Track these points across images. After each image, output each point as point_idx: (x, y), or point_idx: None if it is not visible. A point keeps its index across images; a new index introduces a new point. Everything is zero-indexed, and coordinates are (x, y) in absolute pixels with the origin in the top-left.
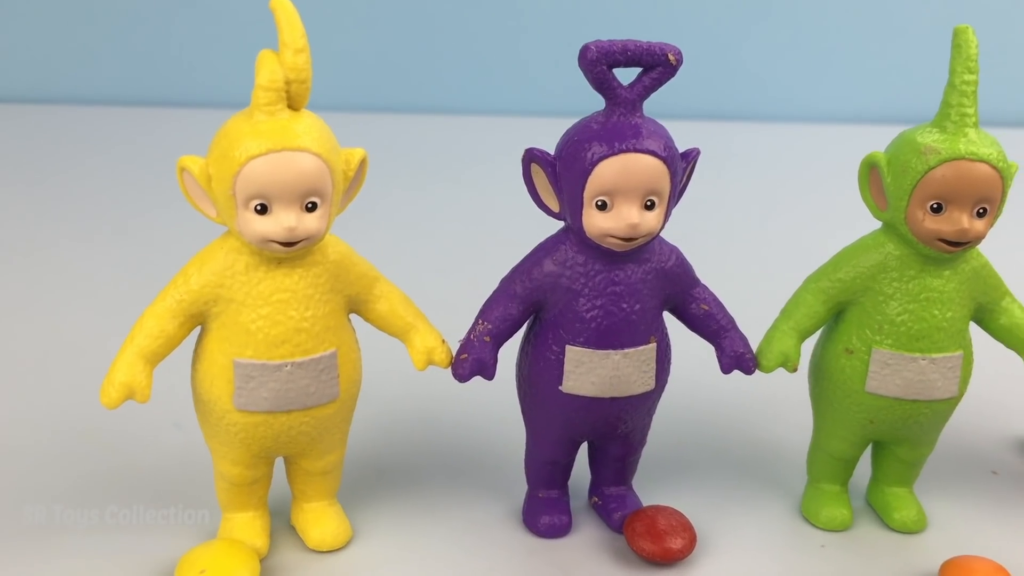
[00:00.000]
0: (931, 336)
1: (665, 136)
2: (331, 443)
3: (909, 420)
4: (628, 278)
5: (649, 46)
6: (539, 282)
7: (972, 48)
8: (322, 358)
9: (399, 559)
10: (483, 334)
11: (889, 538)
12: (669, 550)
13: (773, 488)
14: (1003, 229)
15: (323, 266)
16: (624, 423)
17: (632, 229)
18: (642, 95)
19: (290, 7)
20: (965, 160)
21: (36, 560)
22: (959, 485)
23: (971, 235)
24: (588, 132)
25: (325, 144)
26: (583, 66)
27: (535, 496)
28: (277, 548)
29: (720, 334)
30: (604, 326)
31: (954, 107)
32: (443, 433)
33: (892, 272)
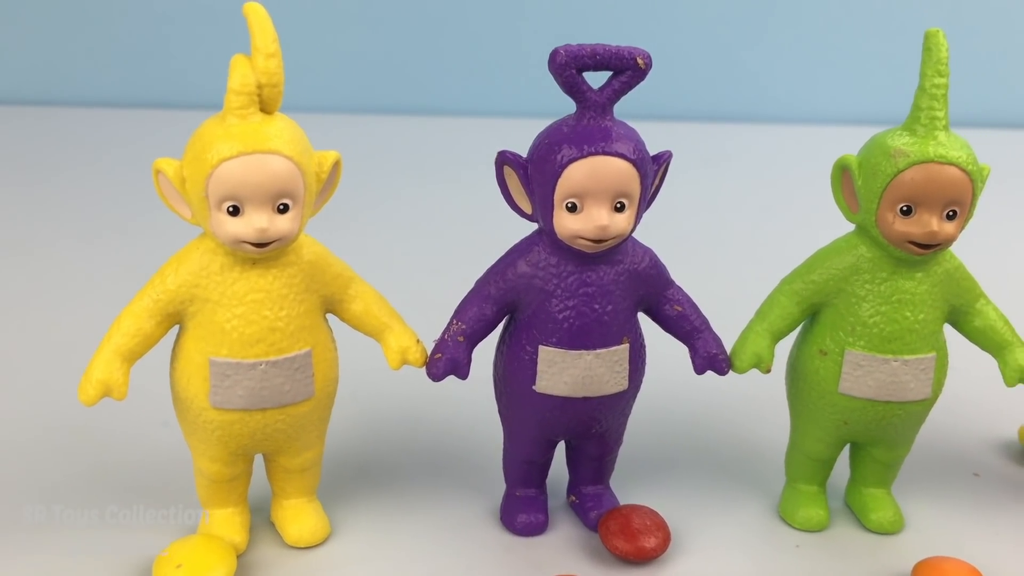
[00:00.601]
0: (903, 338)
1: (635, 139)
2: (308, 441)
3: (883, 421)
4: (600, 279)
5: (618, 50)
6: (513, 283)
7: (943, 51)
8: (296, 357)
9: (376, 556)
10: (457, 334)
11: (865, 539)
12: (642, 549)
13: (752, 488)
14: (978, 231)
15: (298, 266)
16: (598, 423)
17: (601, 231)
18: (612, 98)
19: (262, 12)
20: (934, 163)
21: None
22: (940, 487)
23: (940, 237)
24: (558, 135)
25: (297, 147)
26: (552, 70)
27: (513, 495)
28: (256, 544)
29: (693, 335)
30: (576, 327)
31: (924, 110)
32: (425, 432)
33: (864, 274)
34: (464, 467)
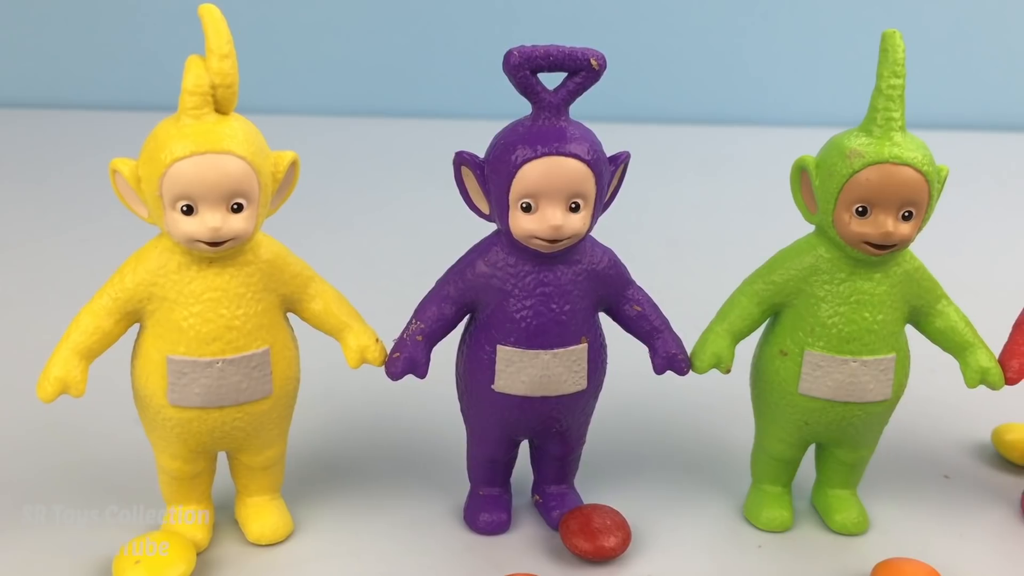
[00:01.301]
0: (862, 338)
1: (591, 140)
2: (269, 439)
3: (843, 422)
4: (558, 279)
5: (572, 51)
6: (471, 283)
7: (899, 52)
8: (254, 355)
9: (336, 554)
10: (416, 333)
11: (828, 540)
12: (602, 548)
13: (719, 489)
14: (942, 231)
15: (255, 265)
16: (558, 422)
17: (555, 231)
18: (566, 99)
19: (217, 14)
20: (889, 164)
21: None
22: (909, 488)
23: (896, 238)
24: (514, 135)
25: (251, 147)
26: (506, 71)
27: (476, 494)
28: (219, 541)
29: (653, 335)
30: (533, 326)
31: (880, 111)
32: (394, 431)
33: (823, 275)
34: (431, 466)
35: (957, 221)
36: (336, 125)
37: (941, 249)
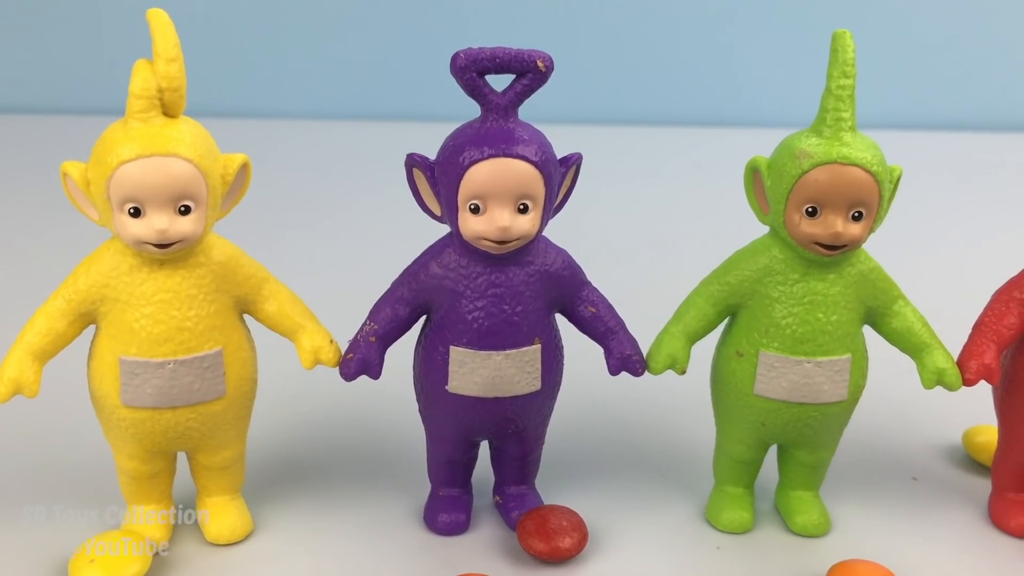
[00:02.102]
0: (816, 339)
1: (539, 142)
2: (225, 439)
3: (799, 423)
4: (510, 280)
5: (518, 53)
6: (424, 284)
7: (849, 53)
8: (206, 356)
9: (293, 553)
10: (369, 334)
11: (788, 541)
12: (557, 549)
13: (683, 490)
14: (900, 231)
15: (207, 267)
16: (513, 423)
17: (503, 232)
18: (514, 101)
19: (164, 17)
20: (838, 164)
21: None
22: (876, 490)
23: (845, 239)
24: (462, 137)
25: (199, 149)
26: (453, 73)
27: (436, 494)
28: (179, 540)
29: (608, 336)
30: (485, 327)
31: (830, 111)
32: (359, 431)
33: (777, 276)
34: (394, 466)
35: (932, 220)
36: (323, 128)
37: (915, 248)
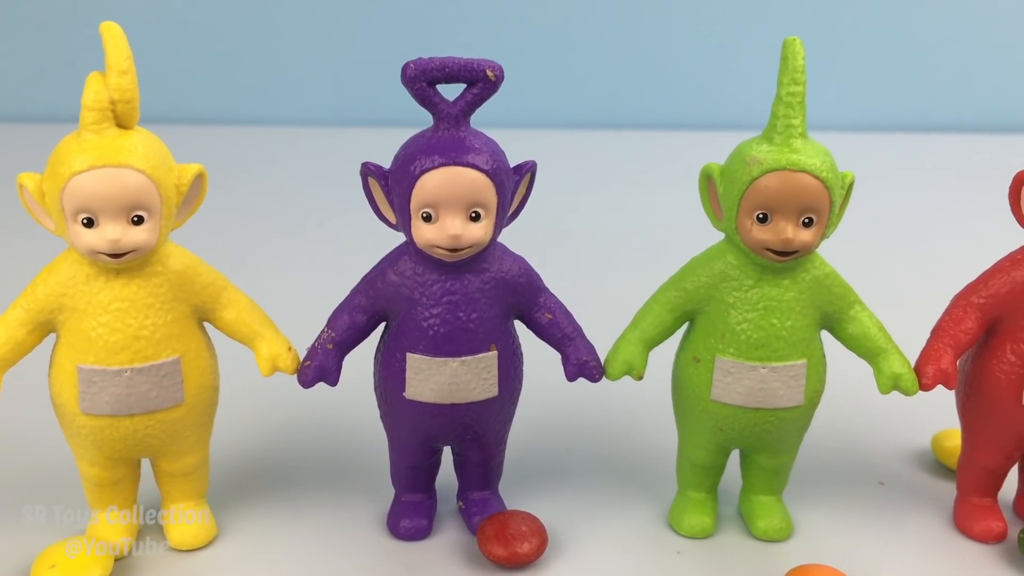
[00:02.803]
0: (770, 345)
1: (491, 150)
2: (186, 446)
3: (756, 428)
4: (465, 288)
5: (467, 62)
6: (381, 292)
7: (799, 60)
8: (163, 364)
9: (256, 559)
10: (327, 342)
11: (749, 546)
12: (516, 554)
13: (649, 495)
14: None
15: (164, 276)
16: (471, 429)
17: (454, 240)
18: (465, 110)
19: (117, 31)
20: (787, 171)
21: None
22: (842, 495)
23: (796, 244)
24: (414, 146)
25: (151, 160)
26: (404, 83)
27: (399, 500)
28: (142, 546)
29: (565, 342)
30: (441, 334)
31: (780, 118)
32: (326, 437)
33: (732, 281)
34: (361, 472)
35: (927, 221)
36: (318, 135)
37: (883, 254)
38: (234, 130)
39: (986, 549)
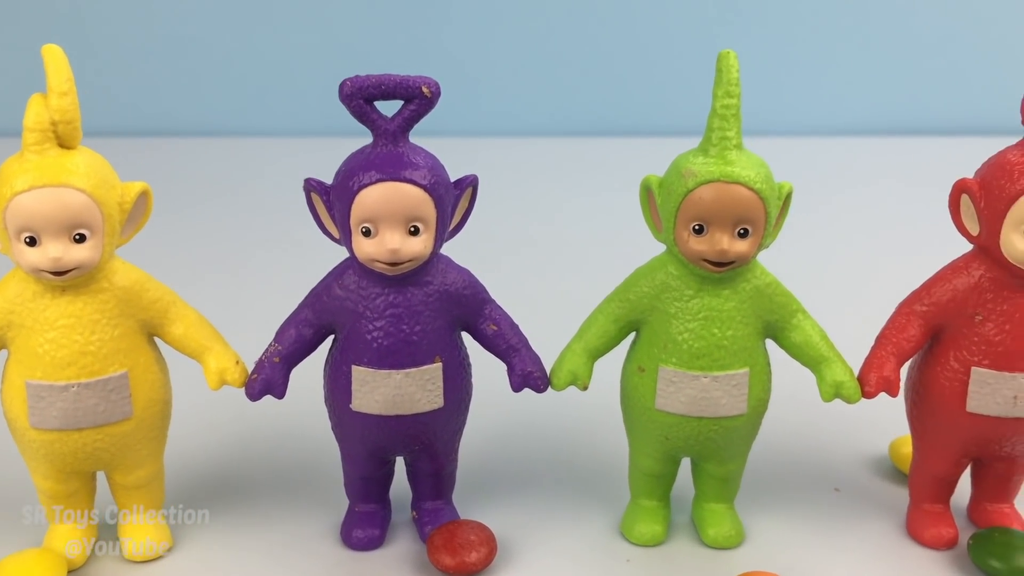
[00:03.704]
0: (712, 354)
1: (429, 165)
2: (138, 459)
3: (701, 437)
4: (408, 301)
5: (403, 79)
6: (327, 305)
7: (733, 72)
8: (110, 379)
9: (208, 570)
10: (273, 355)
11: (700, 554)
12: (464, 563)
13: (603, 504)
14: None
15: (110, 292)
16: (419, 440)
17: (393, 254)
18: (403, 126)
19: (58, 53)
20: (721, 182)
21: None
22: (797, 502)
23: (731, 255)
24: (354, 162)
25: (93, 179)
26: (341, 100)
27: (353, 510)
28: (98, 557)
29: (510, 353)
30: (384, 346)
31: (715, 130)
32: (286, 448)
33: (674, 292)
34: (319, 483)
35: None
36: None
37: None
38: (217, 141)
39: (937, 555)
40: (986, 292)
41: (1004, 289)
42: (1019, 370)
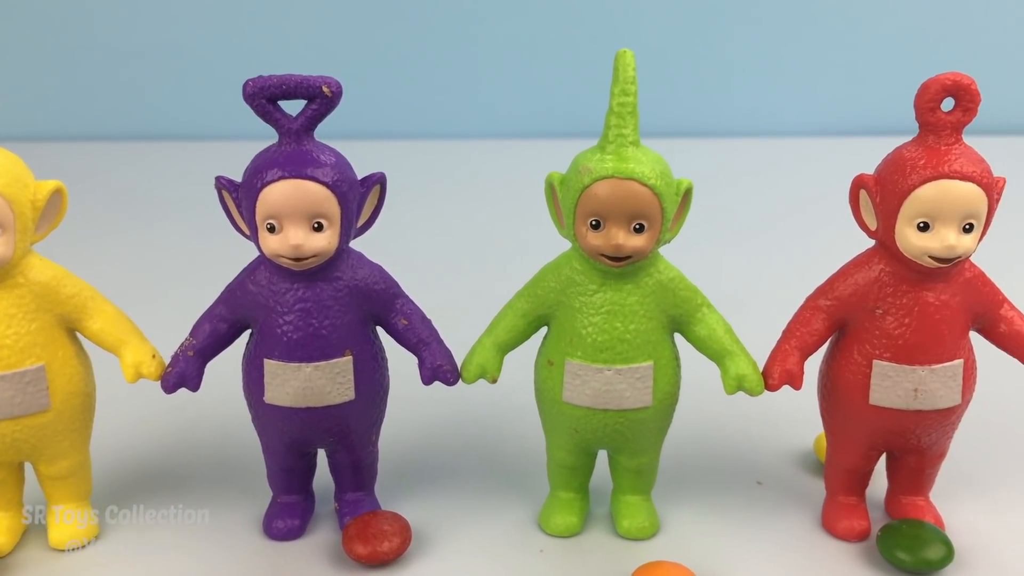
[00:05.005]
0: (615, 347)
1: (333, 163)
2: (59, 450)
3: (608, 429)
4: (317, 295)
5: (304, 79)
6: (240, 300)
7: (629, 71)
8: (27, 372)
9: (131, 560)
10: (188, 349)
11: (613, 545)
12: (376, 552)
13: (526, 496)
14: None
15: (27, 288)
16: (332, 432)
17: (295, 250)
18: (306, 125)
19: None
20: (616, 179)
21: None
22: (718, 494)
23: (627, 250)
24: (260, 160)
25: (4, 178)
26: (245, 100)
27: (275, 501)
28: (25, 545)
29: (420, 347)
30: (294, 340)
31: (612, 128)
32: (216, 440)
33: (578, 287)
34: (246, 475)
35: None
36: None
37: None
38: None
39: (848, 547)
40: (886, 286)
41: (903, 283)
42: (918, 363)
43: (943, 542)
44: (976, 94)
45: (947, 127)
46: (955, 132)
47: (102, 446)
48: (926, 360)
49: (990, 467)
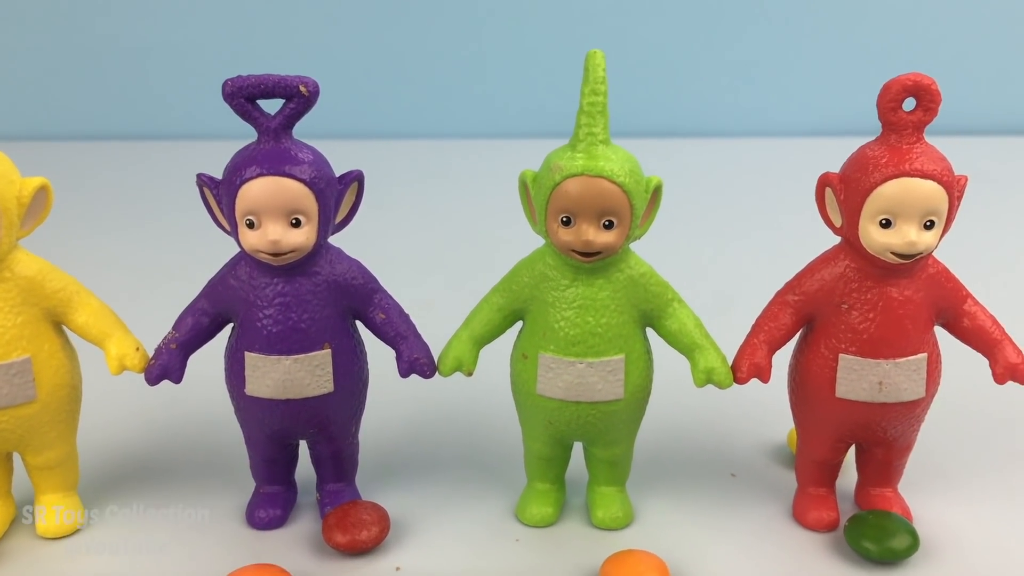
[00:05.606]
0: (586, 341)
1: (311, 161)
2: (46, 440)
3: (580, 421)
4: (296, 290)
5: (281, 79)
6: (222, 295)
7: (599, 71)
8: (13, 364)
9: (115, 549)
10: (171, 342)
11: (585, 534)
12: (355, 541)
13: (505, 487)
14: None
15: (12, 281)
16: (311, 423)
17: (274, 245)
18: (284, 124)
19: None
20: (585, 176)
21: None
22: (692, 486)
23: (597, 246)
24: (239, 158)
25: None
26: (224, 99)
27: (258, 491)
28: (13, 534)
29: (398, 341)
30: (274, 333)
31: (582, 127)
32: (202, 431)
33: (551, 282)
34: (231, 466)
35: None
36: None
37: None
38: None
39: (817, 537)
40: (851, 282)
41: (867, 279)
42: (883, 357)
43: (909, 532)
44: (936, 94)
45: (908, 126)
46: (916, 131)
47: (87, 439)
48: (890, 354)
49: (960, 460)
